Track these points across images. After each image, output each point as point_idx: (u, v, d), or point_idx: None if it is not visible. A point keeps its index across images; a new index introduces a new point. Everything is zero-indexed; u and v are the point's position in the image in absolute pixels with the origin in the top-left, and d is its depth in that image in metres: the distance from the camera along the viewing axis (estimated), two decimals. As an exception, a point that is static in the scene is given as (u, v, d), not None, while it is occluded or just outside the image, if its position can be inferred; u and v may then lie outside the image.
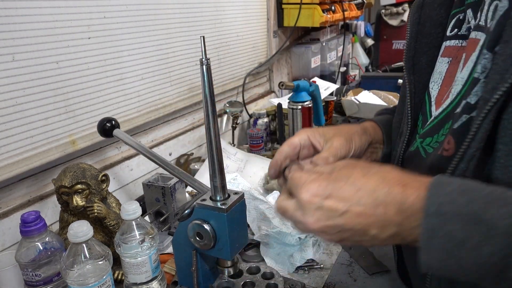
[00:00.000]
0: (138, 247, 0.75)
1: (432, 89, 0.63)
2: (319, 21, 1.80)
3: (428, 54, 0.65)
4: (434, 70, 0.64)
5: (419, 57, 0.66)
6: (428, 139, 0.60)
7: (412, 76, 0.66)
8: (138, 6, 1.14)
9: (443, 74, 0.61)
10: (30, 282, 0.76)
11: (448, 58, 0.61)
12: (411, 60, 0.66)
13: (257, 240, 0.93)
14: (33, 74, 0.89)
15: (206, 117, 0.63)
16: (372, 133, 0.72)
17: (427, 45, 0.65)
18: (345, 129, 0.68)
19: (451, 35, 0.62)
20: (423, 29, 0.66)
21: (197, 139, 1.46)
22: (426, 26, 0.65)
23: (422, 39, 0.66)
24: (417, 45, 0.66)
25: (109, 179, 0.89)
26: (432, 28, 0.65)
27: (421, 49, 0.66)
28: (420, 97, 0.66)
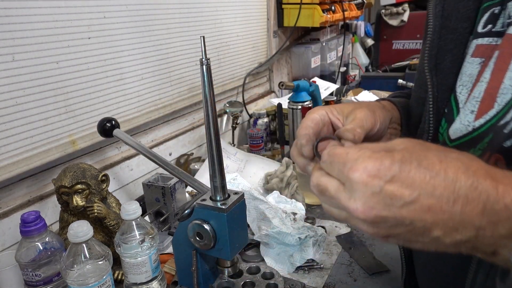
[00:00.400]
0: (138, 247, 0.75)
1: (460, 94, 0.55)
2: (319, 21, 1.80)
3: (454, 52, 0.57)
4: (462, 72, 0.56)
5: (443, 56, 0.58)
6: None
7: (435, 78, 0.58)
8: (138, 6, 1.14)
9: (474, 76, 0.53)
10: (30, 282, 0.76)
11: (481, 58, 0.53)
12: (434, 59, 0.58)
13: (257, 240, 0.93)
14: (33, 74, 0.89)
15: (206, 117, 0.63)
16: (391, 111, 0.63)
17: (453, 42, 0.57)
18: (365, 103, 0.59)
19: (484, 31, 0.54)
20: (448, 23, 0.57)
21: (197, 139, 1.46)
22: (452, 20, 0.57)
23: (447, 35, 0.57)
24: (441, 42, 0.58)
25: (109, 179, 0.89)
26: (459, 22, 0.57)
27: (446, 46, 0.57)
28: (444, 101, 0.58)
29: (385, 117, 0.58)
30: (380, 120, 0.55)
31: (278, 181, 1.13)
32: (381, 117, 0.56)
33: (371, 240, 0.98)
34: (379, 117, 0.56)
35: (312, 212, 1.12)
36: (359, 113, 0.53)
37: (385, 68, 2.48)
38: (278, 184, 1.12)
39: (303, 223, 0.98)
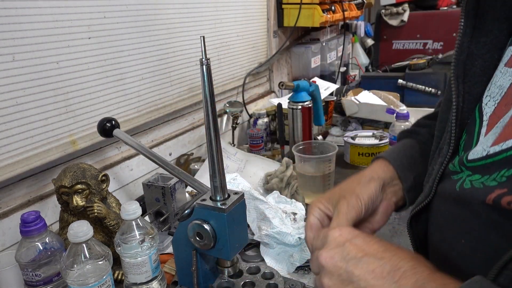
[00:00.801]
0: (138, 247, 0.75)
1: (487, 105, 0.50)
2: (319, 21, 1.80)
3: (485, 58, 0.51)
4: (492, 82, 0.50)
5: (473, 61, 0.52)
6: (477, 176, 0.47)
7: (462, 86, 0.52)
8: (138, 6, 1.14)
9: (504, 89, 0.47)
10: (30, 282, 0.76)
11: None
12: (462, 64, 0.52)
13: (257, 240, 0.93)
14: (33, 74, 0.89)
15: (206, 117, 0.63)
16: (381, 175, 0.63)
17: (486, 46, 0.51)
18: (349, 186, 0.62)
19: None
20: (483, 23, 0.51)
21: (197, 139, 1.46)
22: (487, 20, 0.50)
23: (480, 38, 0.51)
24: (471, 45, 0.51)
25: (109, 179, 0.89)
26: (495, 22, 0.50)
27: (478, 50, 0.51)
28: (469, 112, 0.52)
29: (372, 192, 0.60)
30: (365, 202, 0.59)
31: (278, 181, 1.13)
32: (365, 197, 0.59)
33: (371, 240, 0.98)
34: (363, 200, 0.59)
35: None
36: (342, 206, 0.57)
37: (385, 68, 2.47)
38: (278, 184, 1.12)
39: (303, 223, 0.98)
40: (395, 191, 0.64)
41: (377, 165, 0.66)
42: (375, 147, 1.37)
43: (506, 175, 0.43)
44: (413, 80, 2.02)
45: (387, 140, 1.38)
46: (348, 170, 1.39)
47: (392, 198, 0.64)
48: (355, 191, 0.60)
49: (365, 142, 1.41)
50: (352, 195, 0.59)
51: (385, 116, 1.64)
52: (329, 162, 1.15)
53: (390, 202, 0.64)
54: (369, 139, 1.44)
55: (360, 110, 1.72)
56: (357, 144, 1.40)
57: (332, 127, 1.78)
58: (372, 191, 0.60)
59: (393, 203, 0.64)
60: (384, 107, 1.64)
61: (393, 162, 0.65)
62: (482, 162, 0.47)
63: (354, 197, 0.59)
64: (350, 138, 1.44)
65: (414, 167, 0.65)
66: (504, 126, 0.45)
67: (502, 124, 0.46)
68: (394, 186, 0.64)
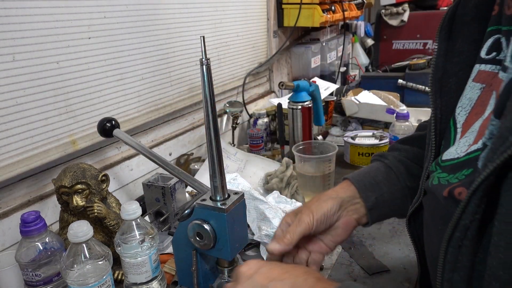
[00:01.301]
0: (138, 247, 0.75)
1: (459, 115, 0.57)
2: (319, 21, 1.80)
3: (459, 75, 0.58)
4: (463, 95, 0.57)
5: (447, 79, 0.59)
6: (443, 174, 0.56)
7: (439, 100, 0.60)
8: (138, 6, 1.14)
9: (473, 101, 0.55)
10: (30, 282, 0.76)
11: (481, 84, 0.55)
12: (439, 82, 0.60)
13: (257, 240, 0.93)
14: (33, 74, 0.89)
15: (206, 117, 0.63)
16: (341, 194, 0.72)
17: (458, 65, 0.58)
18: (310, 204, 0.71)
19: (488, 58, 0.55)
20: (454, 46, 0.58)
21: (197, 139, 1.46)
22: (458, 43, 0.58)
23: (453, 58, 0.58)
24: (446, 65, 0.59)
25: (109, 179, 0.89)
26: (464, 45, 0.58)
27: (451, 69, 0.59)
28: (446, 122, 0.60)
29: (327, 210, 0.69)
30: (317, 218, 0.68)
31: (278, 181, 1.13)
32: (318, 214, 0.68)
33: (371, 240, 0.98)
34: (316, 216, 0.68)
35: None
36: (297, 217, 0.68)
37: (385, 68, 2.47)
38: (278, 184, 1.12)
39: (303, 223, 0.98)
40: (356, 209, 0.71)
41: (341, 185, 0.75)
42: (375, 147, 1.37)
43: (466, 173, 0.50)
44: (413, 80, 2.02)
45: (387, 140, 1.38)
46: (348, 170, 1.39)
47: (354, 215, 0.71)
48: (311, 208, 0.69)
49: (365, 142, 1.41)
50: (307, 211, 0.68)
51: (385, 116, 1.64)
52: (329, 162, 1.15)
53: (350, 218, 0.71)
54: (369, 139, 1.44)
55: (360, 110, 1.72)
56: (357, 144, 1.40)
57: (332, 127, 1.78)
58: (327, 209, 0.69)
59: (354, 219, 0.71)
60: (384, 107, 1.64)
61: (356, 183, 0.73)
62: (452, 162, 0.54)
63: (307, 213, 0.68)
64: (350, 138, 1.44)
65: (376, 188, 0.72)
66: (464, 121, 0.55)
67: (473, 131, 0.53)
68: (355, 205, 0.72)
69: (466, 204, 0.45)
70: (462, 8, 0.58)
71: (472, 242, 0.46)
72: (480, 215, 0.45)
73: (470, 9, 0.57)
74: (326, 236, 0.71)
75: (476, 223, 0.45)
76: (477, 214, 0.45)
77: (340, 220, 0.71)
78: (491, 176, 0.43)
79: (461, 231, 0.47)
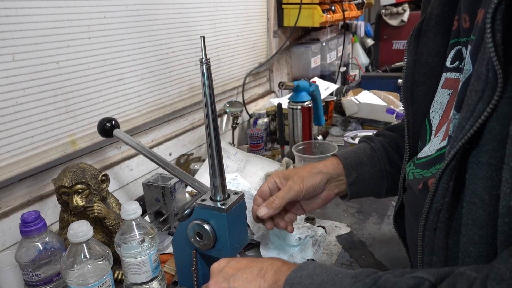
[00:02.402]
0: (138, 247, 0.75)
1: (433, 118, 0.64)
2: (319, 21, 1.80)
3: (426, 84, 0.66)
4: (435, 101, 0.64)
5: (417, 87, 0.66)
6: (418, 170, 0.63)
7: (411, 107, 0.67)
8: (138, 6, 1.14)
9: (444, 105, 0.62)
10: (30, 282, 0.76)
11: (449, 90, 0.62)
12: (409, 90, 0.67)
13: (257, 240, 0.93)
14: (33, 74, 0.89)
15: (206, 117, 0.63)
16: (330, 171, 0.80)
17: (425, 75, 0.66)
18: (301, 172, 0.79)
19: (452, 67, 0.62)
20: (420, 58, 0.66)
21: (197, 139, 1.46)
22: (423, 55, 0.66)
23: (420, 69, 0.66)
24: (415, 75, 0.66)
25: (109, 179, 0.89)
26: (429, 57, 0.65)
27: (419, 78, 0.66)
28: (419, 126, 0.67)
29: (316, 183, 0.78)
30: (306, 188, 0.76)
31: (278, 181, 1.13)
32: (308, 184, 0.76)
33: (371, 240, 0.98)
34: (305, 187, 0.76)
35: (312, 212, 1.12)
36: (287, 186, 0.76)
37: (385, 68, 2.48)
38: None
39: (303, 223, 0.98)
40: (339, 185, 0.81)
41: (330, 161, 0.83)
42: (375, 147, 1.37)
43: (438, 167, 0.57)
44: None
45: (387, 140, 1.37)
46: (348, 170, 1.39)
47: (335, 189, 0.81)
48: (302, 177, 0.77)
49: (365, 142, 1.41)
50: (298, 180, 0.77)
51: (385, 116, 1.64)
52: (329, 162, 1.14)
53: (331, 193, 0.81)
54: (369, 139, 1.43)
55: (360, 110, 1.72)
56: (357, 144, 1.39)
57: (332, 127, 1.78)
58: (316, 182, 0.78)
59: (334, 193, 0.81)
60: (384, 107, 1.64)
61: (343, 161, 0.81)
62: (426, 159, 0.62)
63: (299, 182, 0.76)
64: (350, 138, 1.44)
65: (359, 167, 0.81)
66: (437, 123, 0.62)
67: (443, 130, 0.60)
68: (339, 181, 0.81)
69: (436, 188, 0.52)
70: (426, 25, 0.65)
71: (445, 224, 0.53)
72: (449, 198, 0.51)
73: (432, 26, 0.64)
74: (306, 202, 0.82)
75: (446, 206, 0.52)
76: (446, 198, 0.51)
77: (323, 193, 0.80)
78: (453, 161, 0.49)
79: (434, 214, 0.53)
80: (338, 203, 1.16)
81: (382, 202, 1.16)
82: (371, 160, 0.82)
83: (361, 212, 1.11)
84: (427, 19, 0.65)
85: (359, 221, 1.07)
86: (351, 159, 0.82)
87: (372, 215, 1.09)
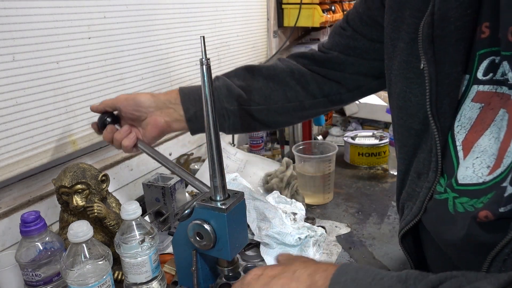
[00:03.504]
0: (138, 247, 0.75)
1: (458, 133, 0.60)
2: (319, 21, 1.80)
3: (451, 96, 0.60)
4: (461, 114, 0.60)
5: (442, 101, 0.61)
6: (465, 199, 0.57)
7: (438, 123, 0.61)
8: (138, 6, 1.14)
9: (473, 119, 0.58)
10: (30, 282, 0.76)
11: (480, 104, 0.58)
12: (435, 105, 0.61)
13: (257, 240, 0.93)
14: (33, 74, 0.89)
15: (206, 117, 0.63)
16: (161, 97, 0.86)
17: (449, 86, 0.60)
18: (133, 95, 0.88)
19: (485, 79, 0.57)
20: (443, 68, 0.60)
21: (197, 139, 1.46)
22: (446, 65, 0.60)
23: (444, 80, 0.60)
24: (438, 88, 0.60)
25: (109, 179, 0.89)
26: (453, 67, 0.59)
27: (443, 91, 0.60)
28: (445, 142, 0.62)
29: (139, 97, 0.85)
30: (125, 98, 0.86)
31: (278, 181, 1.13)
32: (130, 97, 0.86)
33: (371, 240, 0.98)
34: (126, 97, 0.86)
35: (312, 212, 1.12)
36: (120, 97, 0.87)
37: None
38: (278, 184, 1.12)
39: (303, 223, 0.98)
40: (169, 113, 0.85)
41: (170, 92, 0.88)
42: (375, 147, 1.37)
43: (489, 196, 0.54)
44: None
45: (387, 140, 1.38)
46: (348, 170, 1.39)
47: (165, 117, 0.85)
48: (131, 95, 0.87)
49: (365, 142, 1.41)
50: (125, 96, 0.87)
51: (385, 116, 1.64)
52: (329, 162, 1.15)
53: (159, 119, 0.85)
54: (369, 139, 1.44)
55: (360, 110, 1.72)
56: (357, 144, 1.40)
57: (332, 127, 1.78)
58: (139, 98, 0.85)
59: (163, 120, 0.85)
60: (384, 107, 1.64)
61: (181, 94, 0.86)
62: (475, 187, 0.56)
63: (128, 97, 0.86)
64: (350, 138, 1.44)
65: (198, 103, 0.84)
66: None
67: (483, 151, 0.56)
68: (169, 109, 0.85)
69: None
70: (441, 29, 0.59)
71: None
72: None
73: (452, 31, 0.58)
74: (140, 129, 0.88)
75: None
76: None
77: (151, 117, 0.85)
78: None
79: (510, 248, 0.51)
80: (338, 203, 1.16)
81: (382, 202, 1.16)
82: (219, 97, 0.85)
83: (361, 212, 1.11)
84: (440, 22, 0.59)
85: (359, 221, 1.07)
86: (191, 94, 0.85)
87: (372, 215, 1.09)
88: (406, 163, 0.69)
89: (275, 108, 0.88)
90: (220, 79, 0.88)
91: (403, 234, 0.70)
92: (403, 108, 0.67)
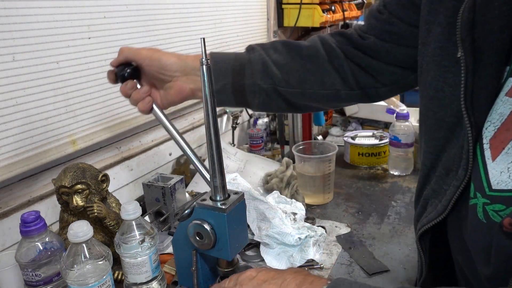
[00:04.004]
0: (138, 247, 0.75)
1: (487, 130, 0.54)
2: (319, 21, 1.80)
3: (488, 89, 0.54)
4: (493, 109, 0.54)
5: (478, 93, 0.55)
6: (499, 206, 0.51)
7: (473, 118, 0.55)
8: (138, 6, 1.14)
9: (505, 116, 0.52)
10: (30, 282, 0.76)
11: None
12: (470, 99, 0.55)
13: (257, 240, 0.93)
14: (33, 74, 0.89)
15: (206, 117, 0.63)
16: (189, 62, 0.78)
17: (487, 78, 0.54)
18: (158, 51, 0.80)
19: None
20: (482, 58, 0.54)
21: (197, 139, 1.46)
22: (485, 54, 0.53)
23: (482, 71, 0.54)
24: (475, 79, 0.54)
25: (109, 179, 0.89)
26: (493, 56, 0.53)
27: (480, 83, 0.54)
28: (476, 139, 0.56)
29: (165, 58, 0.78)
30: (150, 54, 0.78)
31: (278, 181, 1.13)
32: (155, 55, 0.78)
33: (371, 240, 0.98)
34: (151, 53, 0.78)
35: (312, 212, 1.12)
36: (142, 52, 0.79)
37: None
38: (278, 184, 1.12)
39: (303, 223, 0.98)
40: (195, 81, 0.78)
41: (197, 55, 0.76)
42: (375, 147, 1.37)
43: None
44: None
45: (387, 140, 1.38)
46: (348, 170, 1.39)
47: (190, 84, 0.79)
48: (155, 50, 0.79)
49: (365, 142, 1.41)
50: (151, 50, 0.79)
51: (385, 116, 1.64)
52: (329, 162, 1.15)
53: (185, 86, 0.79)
54: (369, 139, 1.44)
55: (360, 110, 1.72)
56: (357, 144, 1.40)
57: (332, 127, 1.78)
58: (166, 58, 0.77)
59: (189, 88, 0.79)
60: (384, 107, 1.64)
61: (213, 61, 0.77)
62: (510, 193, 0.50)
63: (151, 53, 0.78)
64: (350, 138, 1.44)
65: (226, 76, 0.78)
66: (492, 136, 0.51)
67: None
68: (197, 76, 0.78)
69: None
70: (483, 15, 0.53)
71: None
72: None
73: (496, 16, 0.52)
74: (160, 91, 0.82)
75: None
76: None
77: (176, 82, 0.78)
78: None
79: None
80: (338, 203, 1.16)
81: (382, 202, 1.16)
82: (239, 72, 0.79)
83: (361, 212, 1.11)
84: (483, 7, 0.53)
85: (359, 221, 1.07)
86: (221, 63, 0.78)
87: (372, 215, 1.09)
88: (433, 157, 0.63)
89: (310, 93, 0.81)
90: (256, 51, 0.81)
91: (423, 232, 0.65)
92: (434, 98, 0.61)
